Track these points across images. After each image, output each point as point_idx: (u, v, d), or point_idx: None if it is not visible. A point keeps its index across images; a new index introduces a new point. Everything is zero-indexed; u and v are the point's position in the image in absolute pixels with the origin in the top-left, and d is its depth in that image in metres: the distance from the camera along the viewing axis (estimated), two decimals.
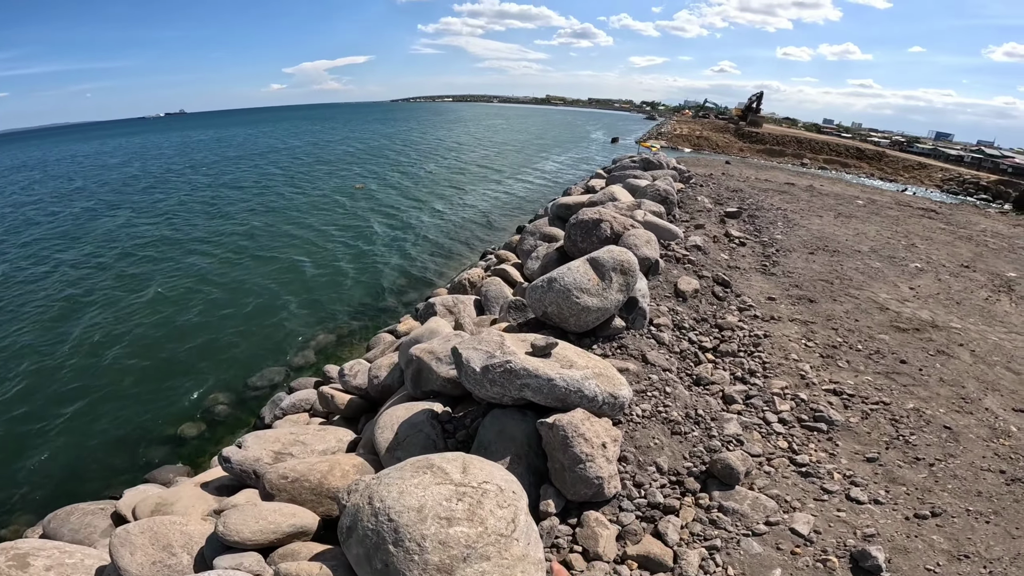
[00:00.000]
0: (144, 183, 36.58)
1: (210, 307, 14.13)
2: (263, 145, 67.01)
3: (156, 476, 7.75)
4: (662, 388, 4.86)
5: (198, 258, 18.46)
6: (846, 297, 7.99)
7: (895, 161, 60.72)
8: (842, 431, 4.87)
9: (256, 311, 13.89)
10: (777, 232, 11.28)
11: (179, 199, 29.93)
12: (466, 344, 4.34)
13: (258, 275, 16.47)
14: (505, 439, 3.97)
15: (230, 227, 22.73)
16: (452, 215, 24.21)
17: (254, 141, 74.67)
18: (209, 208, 27.13)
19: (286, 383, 10.28)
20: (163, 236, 21.74)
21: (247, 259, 18.13)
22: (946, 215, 17.28)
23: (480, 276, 11.45)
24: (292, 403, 8.36)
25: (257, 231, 21.83)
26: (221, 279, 16.23)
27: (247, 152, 58.17)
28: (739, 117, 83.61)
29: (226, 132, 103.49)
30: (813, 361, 6.01)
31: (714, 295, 7.23)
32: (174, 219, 24.91)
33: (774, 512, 3.81)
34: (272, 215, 24.69)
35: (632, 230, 6.96)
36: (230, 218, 24.61)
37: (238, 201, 28.42)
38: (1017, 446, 4.79)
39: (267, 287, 15.48)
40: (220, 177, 38.28)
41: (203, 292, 15.21)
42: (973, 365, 6.28)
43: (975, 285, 9.42)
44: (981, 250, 12.27)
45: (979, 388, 5.75)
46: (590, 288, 5.15)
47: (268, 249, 19.23)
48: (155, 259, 18.64)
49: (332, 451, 5.38)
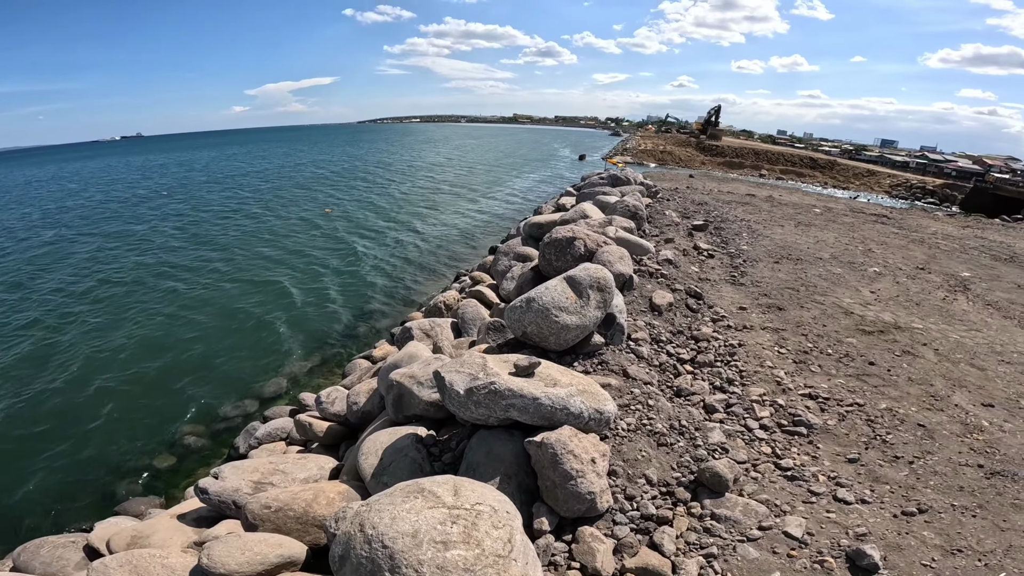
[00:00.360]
0: (108, 209, 35.52)
1: (177, 340, 13.77)
2: (227, 169, 65.80)
3: (127, 508, 7.52)
4: (645, 401, 4.94)
5: (161, 289, 18.00)
6: (812, 303, 8.26)
7: (846, 169, 63.48)
8: (821, 434, 5.00)
9: (225, 341, 13.58)
10: (743, 243, 11.63)
11: (143, 226, 29.12)
12: (448, 367, 4.35)
13: (227, 305, 16.11)
14: (493, 460, 3.98)
15: (196, 257, 22.19)
16: (424, 237, 24.16)
17: (218, 165, 73.26)
18: (171, 238, 26.41)
19: (259, 413, 10.08)
20: (130, 265, 21.17)
21: (215, 289, 17.72)
22: (898, 220, 18.12)
23: (455, 298, 11.45)
24: (267, 432, 8.22)
25: (224, 260, 21.36)
26: (188, 311, 15.80)
27: (211, 176, 57.01)
28: (699, 131, 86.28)
29: (188, 155, 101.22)
30: (787, 367, 6.18)
31: (688, 307, 7.40)
32: (140, 247, 24.26)
33: (766, 517, 3.87)
34: (240, 243, 24.18)
35: (605, 247, 7.09)
36: (196, 247, 24.01)
37: (203, 229, 27.75)
38: (991, 440, 4.96)
39: (237, 317, 15.14)
40: (183, 203, 37.40)
41: (168, 325, 14.81)
42: (938, 363, 6.54)
43: (932, 286, 9.87)
44: (934, 252, 12.90)
45: (947, 385, 5.98)
46: (568, 306, 5.22)
47: (237, 278, 18.82)
48: (122, 289, 18.15)
49: (314, 479, 5.29)
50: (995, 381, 6.18)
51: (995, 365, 6.62)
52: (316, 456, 6.05)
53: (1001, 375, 6.36)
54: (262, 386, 11.24)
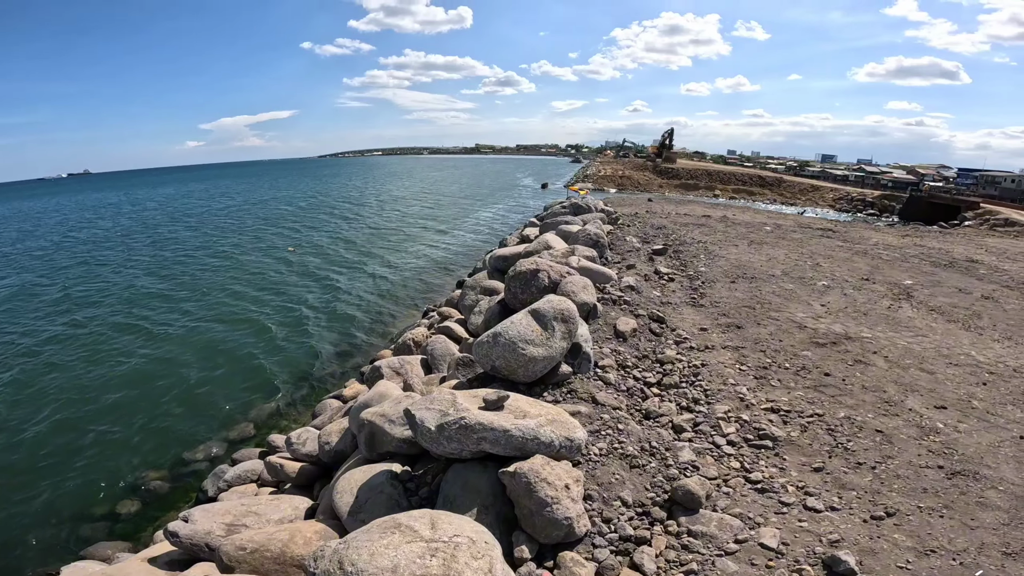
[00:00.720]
0: (55, 252, 34.24)
1: (139, 380, 13.46)
2: (184, 207, 64.26)
3: (94, 553, 7.27)
4: (614, 426, 5.06)
5: (126, 329, 17.56)
6: (768, 320, 8.58)
7: (792, 186, 66.58)
8: (786, 446, 5.12)
9: (190, 383, 13.29)
10: (701, 265, 12.02)
11: (97, 269, 28.18)
12: (418, 405, 4.43)
13: (191, 349, 15.73)
14: (470, 492, 4.04)
15: (159, 297, 21.72)
16: (391, 274, 24.05)
17: (173, 203, 71.43)
18: (133, 277, 25.72)
19: (227, 456, 9.90)
20: (88, 309, 20.52)
21: (178, 333, 17.28)
22: (842, 233, 19.05)
23: (424, 335, 11.46)
24: (237, 475, 8.06)
25: (187, 303, 20.84)
26: (152, 351, 15.47)
27: (168, 215, 55.56)
28: (655, 154, 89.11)
29: (140, 193, 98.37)
30: (749, 383, 6.36)
31: (651, 332, 7.62)
32: (101, 290, 23.55)
33: (741, 530, 3.94)
34: (201, 285, 23.59)
35: (569, 277, 7.29)
36: (158, 287, 23.44)
37: (164, 269, 27.06)
38: (947, 441, 5.12)
39: (201, 358, 14.81)
40: (139, 243, 36.36)
41: (132, 365, 14.48)
42: (889, 370, 6.78)
43: (877, 295, 10.39)
44: (877, 263, 13.60)
45: (899, 391, 6.19)
46: (534, 339, 5.36)
47: (199, 322, 18.39)
48: (82, 333, 17.59)
49: (289, 519, 5.23)
50: (945, 383, 6.44)
51: (943, 368, 6.91)
52: (290, 497, 5.99)
53: (950, 377, 6.64)
54: (228, 429, 11.05)
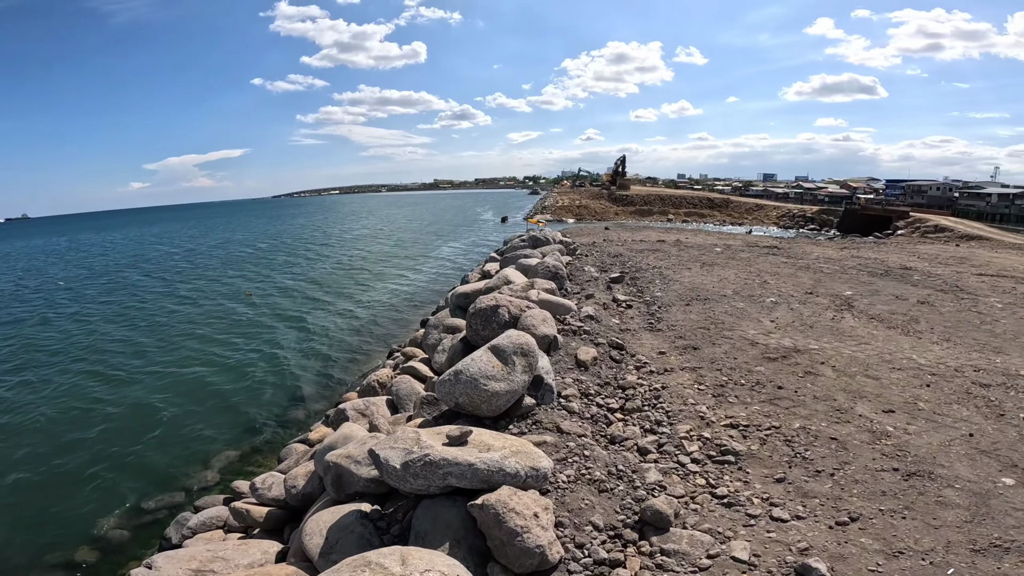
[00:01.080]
0: (8, 301, 32.72)
1: (97, 427, 13.10)
2: (132, 252, 62.11)
3: None
4: (581, 453, 5.14)
5: (85, 376, 17.00)
6: (722, 339, 8.87)
7: (739, 206, 69.79)
8: (748, 459, 5.25)
9: (148, 431, 12.94)
10: (656, 290, 12.34)
11: (53, 317, 27.16)
12: (382, 444, 4.44)
13: (150, 394, 15.33)
14: (440, 526, 4.05)
15: (116, 343, 21.05)
16: (354, 315, 23.76)
17: (120, 248, 68.88)
18: (90, 325, 24.85)
19: (189, 503, 9.64)
20: (44, 355, 19.93)
21: (137, 377, 16.83)
22: (786, 250, 19.98)
23: (389, 376, 11.36)
24: (201, 521, 7.78)
25: (142, 347, 20.26)
26: (109, 398, 14.99)
27: (116, 260, 53.61)
28: (610, 182, 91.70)
29: (85, 238, 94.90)
30: (708, 402, 6.54)
31: (612, 359, 7.78)
32: (54, 337, 22.75)
33: (712, 545, 4.00)
34: (161, 330, 22.98)
35: (528, 311, 7.43)
36: (114, 335, 22.70)
37: (120, 316, 26.18)
38: (899, 444, 5.32)
39: (160, 406, 14.40)
40: (93, 290, 35.11)
41: (89, 413, 14.07)
42: (837, 379, 7.07)
43: (821, 308, 10.90)
44: (819, 276, 14.31)
45: (848, 398, 6.44)
46: (496, 374, 5.45)
47: (160, 366, 17.87)
48: (34, 379, 17.10)
49: (259, 563, 5.09)
50: (891, 388, 6.75)
51: (888, 373, 7.27)
52: (258, 541, 5.86)
53: (895, 382, 6.97)
54: (190, 477, 10.83)
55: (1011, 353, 8.18)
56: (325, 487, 5.53)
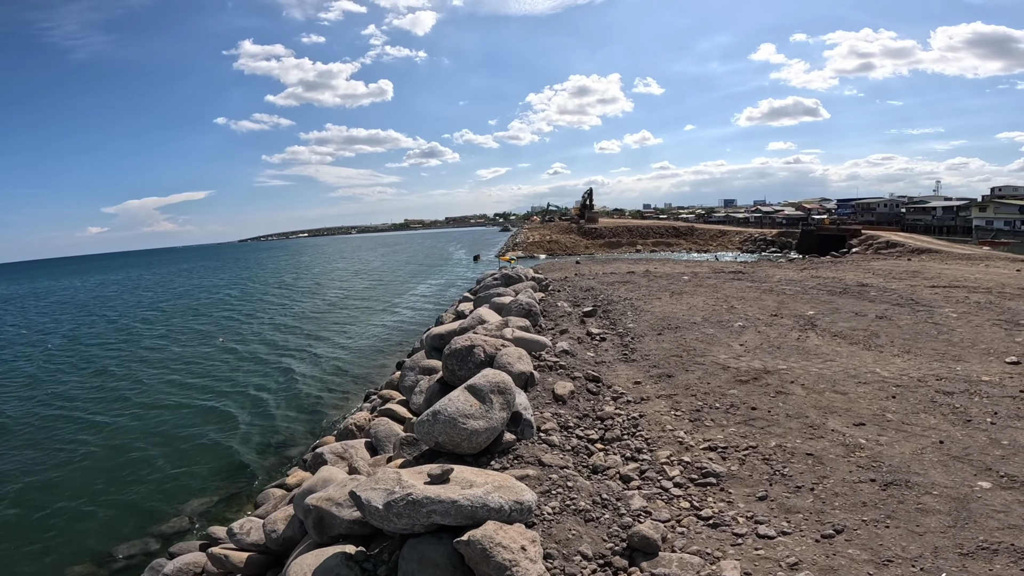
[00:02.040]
0: None
1: (68, 474, 12.85)
2: (90, 300, 60.40)
3: None
4: (564, 484, 5.14)
5: (47, 424, 16.65)
6: (695, 365, 9.03)
7: (703, 233, 71.96)
8: (729, 480, 5.30)
9: (120, 477, 12.69)
10: (629, 321, 12.51)
11: (16, 365, 26.55)
12: (363, 486, 4.41)
13: (120, 440, 15.05)
14: (428, 565, 4.02)
15: (86, 390, 20.51)
16: (328, 360, 23.50)
17: (77, 296, 66.88)
18: (57, 372, 24.21)
19: (163, 550, 9.41)
20: (8, 402, 19.45)
21: (106, 423, 16.51)
22: (750, 274, 20.58)
23: (367, 418, 11.20)
24: (177, 568, 7.56)
25: (113, 393, 19.78)
26: (77, 445, 14.67)
27: (83, 308, 52.02)
28: (578, 215, 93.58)
29: (38, 286, 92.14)
30: (685, 427, 6.62)
31: (589, 391, 7.86)
32: (19, 384, 22.25)
33: (702, 566, 3.98)
34: (130, 377, 22.45)
35: (504, 349, 7.50)
36: (83, 383, 22.09)
37: (88, 364, 25.51)
38: (873, 455, 5.43)
39: (131, 452, 14.14)
40: (58, 338, 34.16)
41: (58, 458, 13.82)
42: (807, 396, 7.24)
43: (786, 329, 11.26)
44: (782, 298, 14.78)
45: (819, 414, 6.58)
46: (474, 412, 5.48)
47: (129, 413, 17.46)
48: None
49: None
50: (859, 402, 6.94)
51: (854, 387, 7.48)
52: None
53: (862, 395, 7.18)
54: (164, 522, 10.62)
55: (970, 360, 8.52)
56: (307, 530, 5.45)
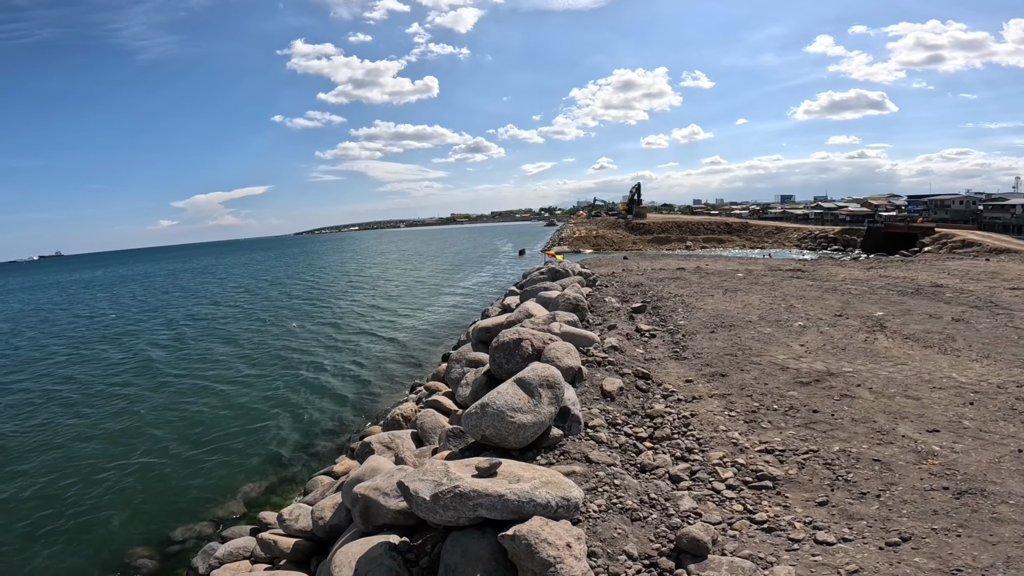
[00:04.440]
0: (38, 337, 34.14)
1: (123, 462, 13.32)
2: (192, 284, 65.49)
3: None
4: (611, 482, 5.02)
5: (107, 412, 17.48)
6: (751, 365, 8.72)
7: (758, 229, 69.06)
8: (786, 484, 5.11)
9: (175, 462, 13.24)
10: (680, 318, 12.23)
11: (80, 352, 28.17)
12: (411, 477, 4.42)
13: (178, 424, 15.76)
14: (470, 558, 3.98)
15: (148, 374, 21.79)
16: (377, 351, 24.03)
17: (178, 281, 72.17)
18: (112, 358, 25.79)
19: (216, 534, 9.75)
20: (80, 385, 20.81)
21: (168, 407, 17.40)
22: (811, 272, 19.68)
23: (413, 410, 11.37)
24: (228, 552, 7.79)
25: (176, 381, 20.89)
26: (137, 433, 15.33)
27: (163, 291, 55.57)
28: (626, 211, 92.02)
29: (125, 271, 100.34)
30: (740, 428, 6.42)
31: (638, 388, 7.69)
32: (79, 371, 23.59)
33: (753, 571, 3.85)
34: (189, 364, 23.68)
35: (552, 344, 7.40)
36: (147, 364, 23.66)
37: (151, 351, 27.00)
38: (947, 462, 5.15)
39: (187, 437, 14.77)
40: (126, 324, 36.63)
41: (117, 445, 14.40)
42: (875, 400, 6.89)
43: (852, 330, 10.67)
44: (847, 298, 14.03)
45: (889, 419, 6.26)
46: (522, 407, 5.42)
47: (188, 400, 18.32)
48: (64, 411, 17.70)
49: None
50: (933, 408, 6.55)
51: (928, 393, 7.06)
52: (285, 572, 5.90)
53: (937, 401, 6.77)
54: (216, 507, 10.95)
55: None
56: (353, 519, 5.54)
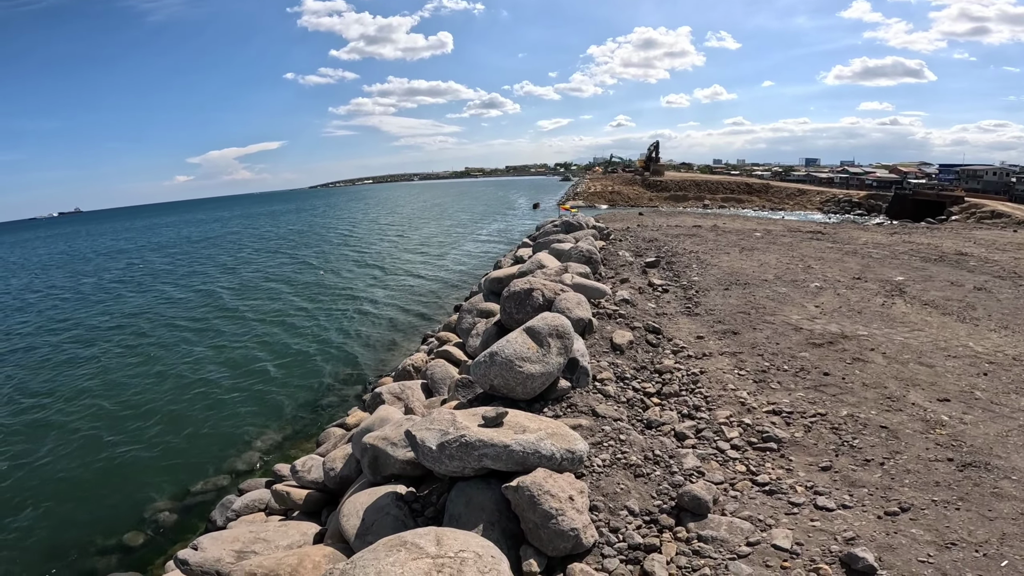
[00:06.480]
0: (61, 285, 34.63)
1: (143, 413, 13.61)
2: (220, 237, 66.06)
3: None
4: (616, 437, 5.04)
5: (135, 359, 17.91)
6: (764, 324, 8.62)
7: (779, 191, 67.30)
8: (791, 447, 5.09)
9: (193, 415, 13.43)
10: (694, 274, 12.09)
11: (104, 294, 28.98)
12: (419, 426, 4.44)
13: (192, 380, 15.92)
14: (474, 508, 4.03)
15: (164, 334, 21.93)
16: (388, 302, 24.15)
17: (209, 236, 72.40)
18: (122, 309, 26.41)
19: (233, 486, 9.99)
20: (100, 337, 21.27)
21: (183, 360, 17.62)
22: (831, 234, 19.23)
23: (424, 360, 11.47)
24: (245, 504, 8.09)
25: (193, 333, 21.18)
26: (150, 385, 15.62)
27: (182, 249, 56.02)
28: (643, 168, 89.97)
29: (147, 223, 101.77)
30: (748, 387, 6.37)
31: (648, 343, 7.64)
32: (88, 322, 24.20)
33: (752, 532, 3.90)
34: (207, 317, 23.86)
35: (563, 294, 7.32)
36: (163, 322, 23.80)
37: (168, 306, 27.17)
38: (955, 433, 5.07)
39: (205, 390, 14.98)
40: (152, 275, 36.88)
41: (138, 397, 14.67)
42: (888, 366, 6.78)
43: (870, 294, 10.45)
44: (868, 261, 13.71)
45: (900, 386, 6.16)
46: (531, 356, 5.37)
47: (204, 353, 18.60)
48: (84, 361, 18.17)
49: (298, 545, 5.23)
50: (946, 376, 6.43)
51: (942, 361, 6.92)
52: (298, 523, 6.01)
53: (950, 370, 6.63)
54: (233, 460, 11.17)
55: None
56: (362, 469, 5.63)
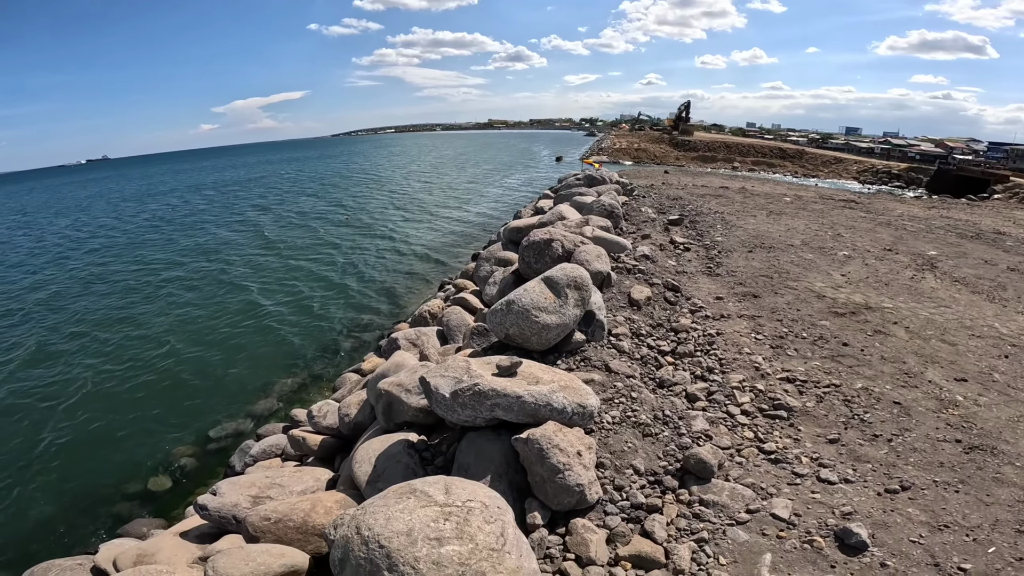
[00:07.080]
0: (99, 232, 35.28)
1: (164, 363, 13.83)
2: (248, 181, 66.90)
3: (130, 530, 7.57)
4: (628, 394, 5.03)
5: (148, 312, 18.07)
6: (786, 289, 8.44)
7: (814, 158, 64.76)
8: (801, 416, 5.06)
9: (212, 362, 13.68)
10: (717, 235, 11.84)
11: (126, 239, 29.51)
12: (433, 372, 4.44)
13: (214, 327, 16.19)
14: (483, 459, 4.06)
15: (184, 280, 22.29)
16: (409, 250, 24.24)
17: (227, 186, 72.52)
18: (148, 252, 26.85)
19: (252, 431, 10.22)
20: (119, 286, 21.47)
21: (205, 309, 17.87)
22: (865, 204, 18.55)
23: (440, 307, 11.53)
24: (262, 449, 8.30)
25: (211, 282, 21.39)
26: (174, 333, 15.86)
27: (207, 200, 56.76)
28: (672, 127, 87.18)
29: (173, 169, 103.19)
30: (764, 353, 6.29)
31: (666, 300, 7.53)
32: (114, 264, 24.68)
33: (752, 500, 3.94)
34: (225, 265, 24.14)
35: (583, 246, 7.20)
36: (173, 264, 24.30)
37: (187, 254, 27.56)
38: (966, 415, 4.99)
39: (224, 339, 15.24)
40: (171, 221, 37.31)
41: (154, 349, 14.83)
42: (909, 341, 6.64)
43: (900, 266, 10.14)
44: (901, 233, 13.25)
45: (919, 362, 6.05)
46: (547, 306, 5.30)
47: (225, 298, 18.93)
48: (113, 308, 18.45)
49: (311, 490, 5.36)
50: (967, 356, 6.27)
51: (966, 340, 6.74)
52: (312, 469, 6.13)
53: (972, 349, 6.46)
54: (253, 405, 11.37)
55: None
56: (376, 415, 5.68)
